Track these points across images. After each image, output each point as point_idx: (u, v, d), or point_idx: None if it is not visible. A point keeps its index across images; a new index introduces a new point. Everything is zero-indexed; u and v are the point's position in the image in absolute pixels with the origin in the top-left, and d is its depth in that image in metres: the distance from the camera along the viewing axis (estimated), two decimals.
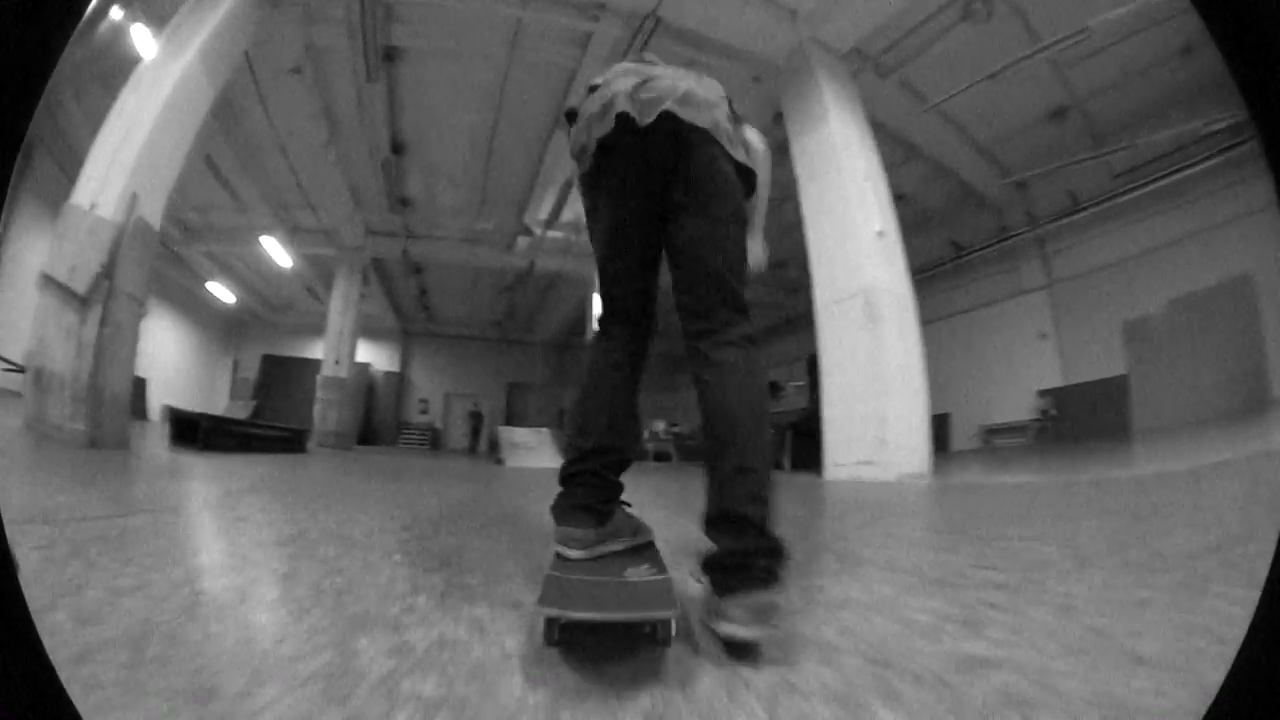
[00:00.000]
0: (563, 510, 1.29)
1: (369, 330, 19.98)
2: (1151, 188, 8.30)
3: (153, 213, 5.05)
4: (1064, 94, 7.92)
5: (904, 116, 8.12)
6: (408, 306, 18.61)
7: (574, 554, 1.24)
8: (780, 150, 6.43)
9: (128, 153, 4.82)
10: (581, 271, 13.46)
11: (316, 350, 19.82)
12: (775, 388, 13.12)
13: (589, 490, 1.30)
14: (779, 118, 7.08)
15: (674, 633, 0.94)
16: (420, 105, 8.81)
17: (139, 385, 14.37)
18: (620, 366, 1.39)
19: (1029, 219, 10.11)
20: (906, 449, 5.25)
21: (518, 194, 10.67)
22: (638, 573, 1.12)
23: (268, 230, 12.62)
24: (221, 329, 19.37)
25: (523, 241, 12.27)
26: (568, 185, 10.18)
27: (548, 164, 9.70)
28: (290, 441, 7.67)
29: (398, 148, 9.63)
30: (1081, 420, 9.07)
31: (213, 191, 11.75)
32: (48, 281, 4.50)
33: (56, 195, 5.33)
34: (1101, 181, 8.88)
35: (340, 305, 12.68)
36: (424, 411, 19.91)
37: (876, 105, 7.33)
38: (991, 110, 8.21)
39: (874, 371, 5.49)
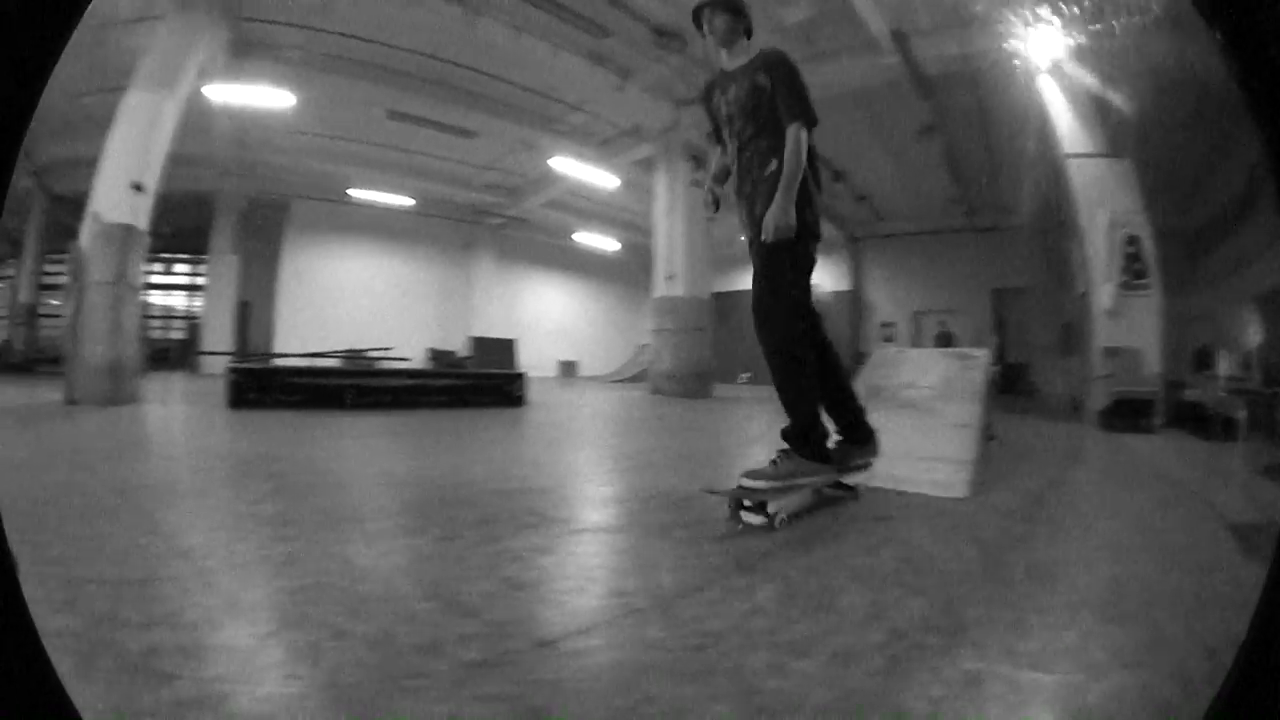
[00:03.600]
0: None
1: None
2: None
3: (133, 214, 6.66)
4: None
5: None
6: (837, 204, 15.65)
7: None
8: None
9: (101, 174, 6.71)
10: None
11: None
12: None
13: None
14: None
15: None
16: None
17: (505, 346, 16.42)
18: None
19: None
20: None
21: None
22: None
23: (556, 151, 11.94)
24: (639, 278, 19.80)
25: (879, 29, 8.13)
26: None
27: None
28: (454, 392, 6.64)
29: None
30: None
31: (458, 144, 12.03)
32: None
33: None
34: None
35: (664, 205, 10.96)
36: (889, 339, 16.81)
37: None
38: None
39: None
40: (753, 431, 5.79)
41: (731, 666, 1.13)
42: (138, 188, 6.62)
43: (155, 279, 14.84)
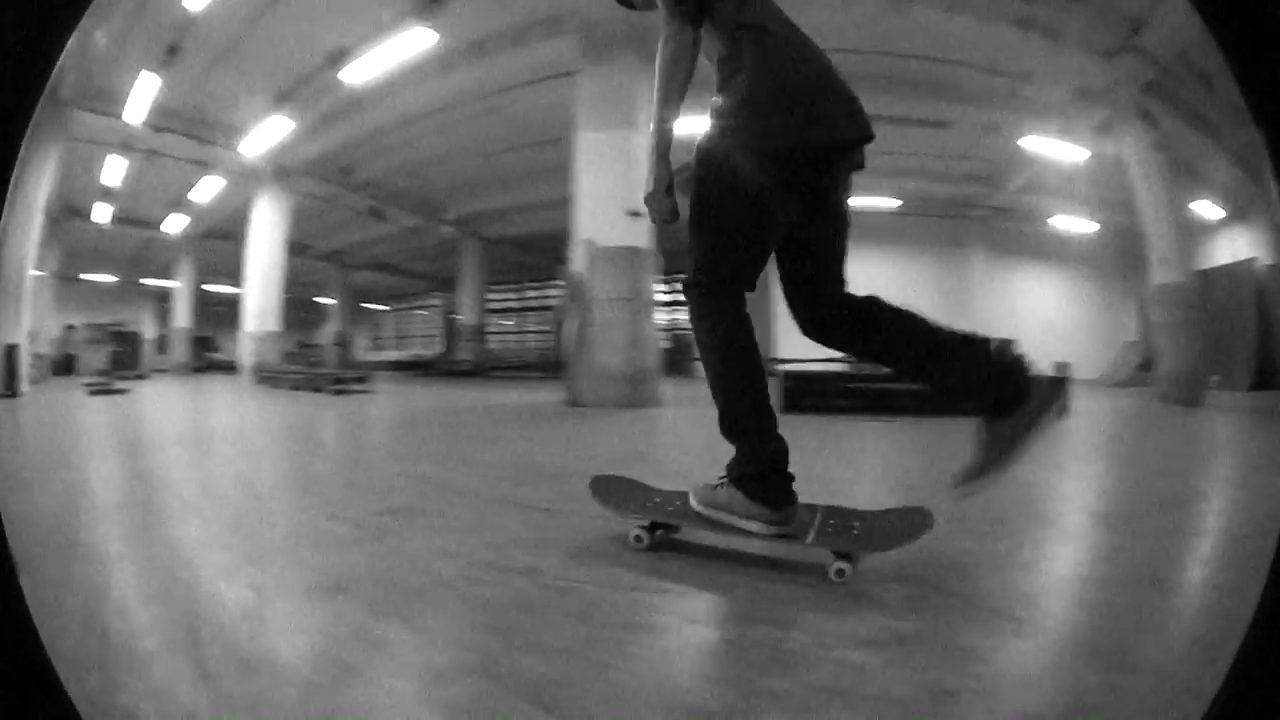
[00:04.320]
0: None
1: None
2: None
3: (634, 237, 7.54)
4: None
5: None
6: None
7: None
8: None
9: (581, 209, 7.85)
10: None
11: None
12: None
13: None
14: None
15: None
16: None
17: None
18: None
19: None
20: None
21: None
22: None
23: (1022, 129, 11.31)
24: (1117, 262, 17.21)
25: None
26: None
27: None
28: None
29: None
30: None
31: (933, 136, 11.84)
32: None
33: None
34: None
35: (1138, 174, 9.98)
36: None
37: None
38: None
39: None
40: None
41: None
42: (636, 214, 7.42)
43: None
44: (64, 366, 19.41)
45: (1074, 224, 16.31)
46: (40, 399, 9.44)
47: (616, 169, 7.81)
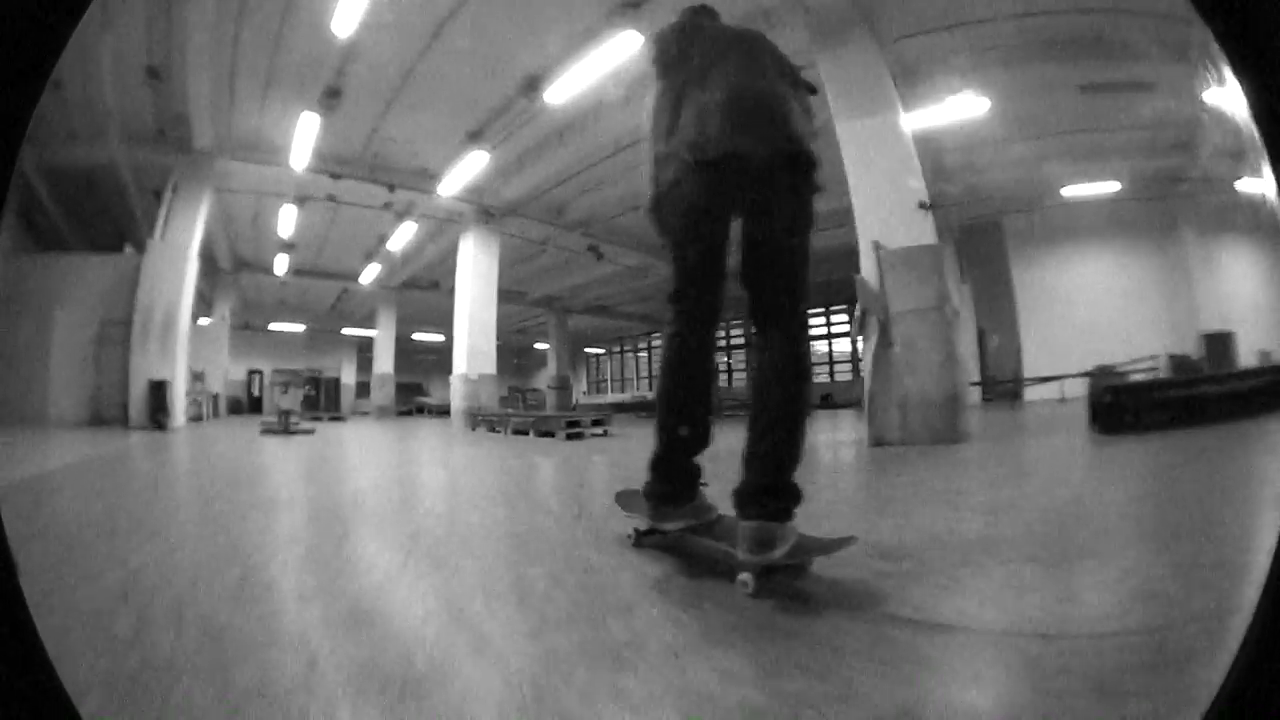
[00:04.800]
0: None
1: None
2: None
3: (920, 234, 6.56)
4: None
5: None
6: None
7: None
8: None
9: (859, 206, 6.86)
10: None
11: None
12: None
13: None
14: None
15: None
16: None
17: (1224, 340, 14.19)
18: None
19: None
20: None
21: None
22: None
23: (1200, 78, 10.03)
24: None
25: None
26: None
27: None
28: None
29: None
30: None
31: (1140, 101, 10.89)
32: None
33: None
34: None
35: None
36: None
37: None
38: None
39: None
40: None
41: None
42: (926, 206, 6.58)
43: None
44: (246, 406, 21.80)
45: (1258, 184, 13.93)
46: (194, 434, 9.48)
47: (893, 155, 6.83)
